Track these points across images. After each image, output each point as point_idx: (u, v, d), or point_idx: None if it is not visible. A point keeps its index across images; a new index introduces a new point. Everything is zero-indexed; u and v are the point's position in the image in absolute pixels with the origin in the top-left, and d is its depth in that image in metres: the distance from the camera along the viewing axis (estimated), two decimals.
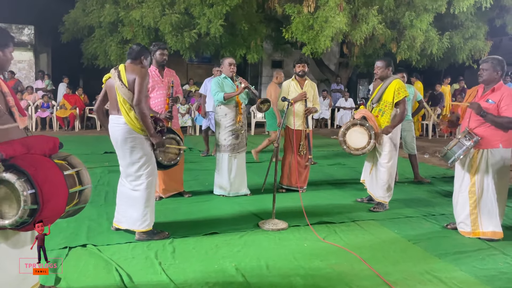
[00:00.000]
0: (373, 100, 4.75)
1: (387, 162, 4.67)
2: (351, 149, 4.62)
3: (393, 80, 4.63)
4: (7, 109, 2.42)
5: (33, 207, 2.14)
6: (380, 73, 4.68)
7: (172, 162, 3.95)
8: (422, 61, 12.39)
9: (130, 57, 3.67)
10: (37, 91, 12.75)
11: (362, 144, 4.59)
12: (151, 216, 3.69)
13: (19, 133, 2.44)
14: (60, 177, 2.31)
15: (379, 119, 4.66)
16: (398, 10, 11.52)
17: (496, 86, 3.80)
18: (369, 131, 4.56)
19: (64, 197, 2.30)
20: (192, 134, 11.36)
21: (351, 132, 4.61)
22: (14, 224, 2.14)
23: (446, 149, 3.88)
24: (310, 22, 10.59)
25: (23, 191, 2.09)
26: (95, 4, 12.28)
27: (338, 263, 3.30)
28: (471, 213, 3.90)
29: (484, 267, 3.27)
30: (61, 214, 2.36)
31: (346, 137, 4.62)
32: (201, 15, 10.78)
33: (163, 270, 3.10)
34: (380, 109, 4.68)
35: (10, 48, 2.44)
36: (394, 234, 3.99)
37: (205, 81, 7.75)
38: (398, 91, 4.57)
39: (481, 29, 12.43)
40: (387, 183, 4.68)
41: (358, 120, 4.63)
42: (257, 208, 4.69)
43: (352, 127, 4.62)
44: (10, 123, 2.40)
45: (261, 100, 4.99)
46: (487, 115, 3.70)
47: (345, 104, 13.81)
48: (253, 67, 16.37)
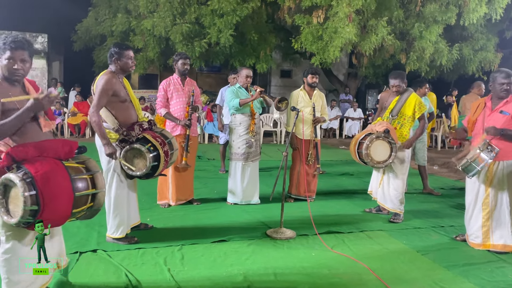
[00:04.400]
0: (393, 113, 4.69)
1: (403, 174, 4.67)
2: (374, 162, 4.54)
3: (411, 94, 4.66)
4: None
5: (33, 208, 2.21)
6: (401, 90, 4.66)
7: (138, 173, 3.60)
8: (431, 72, 12.41)
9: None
10: None
11: (385, 157, 4.52)
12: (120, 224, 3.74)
13: (42, 136, 2.54)
14: (66, 181, 2.37)
15: (398, 131, 4.65)
16: (407, 21, 11.57)
17: (509, 98, 3.80)
18: (391, 144, 4.51)
19: (68, 199, 2.35)
20: (200, 142, 11.44)
21: (375, 145, 4.52)
22: (18, 223, 2.24)
23: (469, 161, 3.73)
24: (319, 32, 10.67)
25: (24, 192, 2.18)
26: (108, 14, 12.54)
27: (346, 273, 3.31)
28: (483, 225, 3.88)
29: (492, 279, 3.25)
30: (68, 216, 2.41)
31: (370, 150, 4.51)
32: (211, 25, 10.93)
33: (172, 276, 3.12)
34: (399, 121, 4.67)
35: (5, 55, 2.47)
36: (402, 245, 3.98)
37: (221, 91, 7.08)
38: (419, 106, 4.60)
39: (491, 41, 12.44)
40: (401, 195, 4.67)
41: (383, 133, 4.53)
42: (265, 216, 4.71)
43: (375, 140, 4.52)
44: (33, 126, 2.51)
45: (279, 98, 5.00)
46: (507, 133, 3.67)
47: (353, 114, 13.82)
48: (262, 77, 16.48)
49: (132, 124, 3.67)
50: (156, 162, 3.60)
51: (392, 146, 4.50)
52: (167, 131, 4.06)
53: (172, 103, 4.98)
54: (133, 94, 3.89)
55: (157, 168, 3.64)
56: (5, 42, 2.48)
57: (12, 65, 2.49)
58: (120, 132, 3.60)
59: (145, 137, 3.63)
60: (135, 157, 3.62)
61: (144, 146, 3.56)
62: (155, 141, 3.62)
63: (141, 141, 3.62)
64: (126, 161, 3.60)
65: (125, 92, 3.72)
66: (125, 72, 3.79)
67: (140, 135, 3.64)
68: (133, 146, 3.57)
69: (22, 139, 2.45)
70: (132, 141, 3.59)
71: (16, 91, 2.54)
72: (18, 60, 2.50)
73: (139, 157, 3.61)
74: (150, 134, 3.67)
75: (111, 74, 3.64)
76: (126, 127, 3.63)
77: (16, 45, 2.48)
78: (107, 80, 3.56)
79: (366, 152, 4.51)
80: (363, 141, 4.60)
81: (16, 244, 2.48)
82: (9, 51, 2.47)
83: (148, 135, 3.64)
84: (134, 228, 4.04)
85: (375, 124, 4.77)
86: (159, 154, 3.60)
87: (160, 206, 5.00)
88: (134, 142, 3.59)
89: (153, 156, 3.56)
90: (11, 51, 2.47)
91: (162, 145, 3.65)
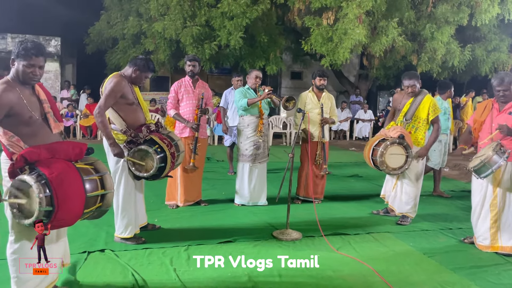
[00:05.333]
0: (407, 116, 4.59)
1: (418, 179, 4.61)
2: (389, 169, 4.43)
3: (426, 96, 4.56)
4: (42, 115, 2.61)
5: (48, 209, 2.26)
6: (416, 91, 4.55)
7: (145, 174, 3.65)
8: (443, 73, 12.28)
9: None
10: (62, 100, 13.16)
11: (400, 164, 4.41)
12: (128, 224, 3.80)
13: (52, 138, 2.62)
14: (78, 182, 2.42)
15: (412, 135, 4.56)
16: (418, 22, 11.49)
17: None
18: (406, 150, 4.40)
19: (80, 200, 2.41)
20: (210, 144, 11.49)
21: (390, 152, 4.40)
22: (31, 223, 2.29)
23: (483, 162, 3.64)
24: (329, 34, 10.65)
25: (39, 193, 2.23)
26: (119, 17, 12.71)
27: (351, 274, 3.31)
28: (491, 226, 3.84)
29: (499, 282, 3.23)
30: (79, 216, 2.46)
31: (385, 157, 4.38)
32: (221, 28, 10.99)
33: (177, 276, 3.17)
34: (413, 125, 4.58)
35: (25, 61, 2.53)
36: (409, 247, 3.96)
37: (225, 93, 7.07)
38: (433, 108, 4.50)
39: (505, 41, 12.28)
40: (415, 199, 4.63)
41: (397, 139, 4.41)
42: (272, 218, 4.72)
43: (390, 146, 4.40)
44: (44, 128, 2.58)
45: (286, 97, 5.01)
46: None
47: (364, 116, 13.76)
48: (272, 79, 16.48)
49: (140, 126, 3.73)
50: (163, 163, 3.65)
51: (408, 152, 4.40)
52: (174, 133, 4.11)
53: (182, 105, 5.03)
54: (141, 97, 3.95)
55: (164, 169, 3.70)
56: (26, 48, 2.52)
57: (33, 72, 2.55)
58: (128, 133, 3.67)
59: (152, 139, 3.68)
60: (142, 158, 3.67)
61: (152, 147, 3.61)
62: (162, 142, 3.67)
63: (148, 142, 3.67)
64: (134, 162, 3.66)
65: (133, 95, 3.78)
66: (132, 82, 3.83)
67: (147, 136, 3.69)
68: (140, 148, 3.63)
69: (34, 141, 2.52)
70: (139, 143, 3.65)
71: (26, 92, 2.60)
72: (37, 66, 2.57)
73: (146, 158, 3.66)
74: (157, 136, 3.72)
75: (120, 78, 3.71)
76: (134, 129, 3.69)
77: (37, 52, 2.55)
78: (116, 82, 3.63)
79: (381, 160, 4.39)
80: (377, 147, 4.48)
81: (25, 244, 2.54)
82: (31, 58, 2.53)
83: (155, 137, 3.70)
84: (142, 229, 4.09)
85: (388, 129, 4.64)
86: (166, 156, 3.65)
87: (168, 207, 5.05)
88: (141, 144, 3.65)
89: (160, 157, 3.62)
90: (33, 58, 2.53)
91: (169, 146, 3.70)
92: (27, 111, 2.53)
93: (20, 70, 2.55)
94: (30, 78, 2.57)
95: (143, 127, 3.71)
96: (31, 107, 2.56)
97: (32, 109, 2.56)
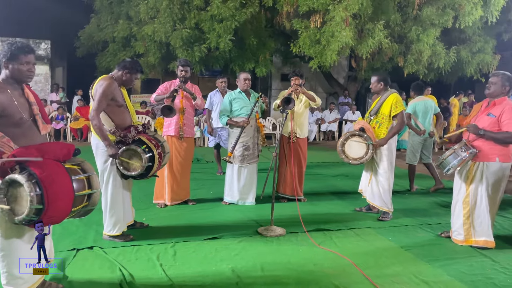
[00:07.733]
0: (371, 112, 4.96)
1: (385, 172, 4.82)
2: (349, 159, 4.77)
3: (391, 94, 4.83)
4: (31, 117, 2.73)
5: (38, 207, 2.37)
6: (373, 88, 4.96)
7: (133, 173, 3.75)
8: (429, 75, 12.51)
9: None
10: (51, 103, 13.19)
11: (360, 154, 4.76)
12: (117, 222, 3.92)
13: (40, 139, 2.73)
14: (67, 181, 2.54)
15: (376, 130, 4.83)
16: (405, 25, 11.70)
17: (498, 100, 3.88)
18: (366, 142, 4.73)
19: (69, 199, 2.52)
20: (200, 145, 11.62)
21: (350, 143, 4.79)
22: (22, 221, 2.39)
23: (442, 159, 4.02)
24: (317, 36, 10.81)
25: (30, 191, 2.33)
26: (109, 20, 12.77)
27: (331, 267, 3.45)
28: (464, 223, 4.01)
29: (471, 273, 3.38)
30: (67, 214, 2.57)
31: (345, 147, 4.79)
32: (211, 30, 11.10)
33: (163, 271, 3.29)
34: (377, 121, 4.86)
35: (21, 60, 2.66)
36: (388, 242, 4.12)
37: (209, 95, 7.10)
38: (395, 105, 4.76)
39: (489, 43, 12.54)
40: (387, 192, 4.83)
41: (357, 131, 4.80)
42: (258, 215, 4.86)
43: (350, 137, 4.80)
44: (33, 130, 2.70)
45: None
46: (485, 133, 3.80)
47: (352, 117, 13.95)
48: (262, 81, 16.64)
49: (128, 127, 3.87)
50: (150, 163, 3.78)
51: (368, 144, 4.71)
52: (160, 135, 4.25)
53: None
54: (129, 99, 4.09)
55: (151, 168, 3.82)
56: (18, 47, 2.66)
57: (29, 69, 2.69)
58: (117, 134, 3.79)
59: (140, 139, 3.83)
60: (130, 158, 3.79)
61: (140, 147, 3.74)
62: (150, 143, 3.80)
63: (136, 142, 3.81)
64: (122, 161, 3.78)
65: (122, 97, 3.91)
66: (122, 85, 3.99)
67: (135, 137, 3.83)
68: (129, 147, 3.76)
69: (23, 142, 2.63)
70: (128, 143, 3.78)
71: (16, 94, 2.71)
72: (32, 63, 2.72)
73: (134, 158, 3.78)
74: (145, 136, 3.86)
75: (111, 80, 3.83)
76: (122, 130, 3.82)
77: (29, 49, 2.71)
78: (107, 85, 3.75)
79: (341, 149, 4.81)
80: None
81: (13, 240, 2.64)
82: (26, 56, 2.67)
83: (143, 137, 3.84)
84: (130, 227, 4.20)
85: (354, 124, 5.03)
86: (154, 155, 3.78)
87: (156, 206, 5.17)
88: (130, 143, 3.78)
89: (148, 157, 3.75)
90: (27, 56, 2.68)
91: (156, 147, 3.84)
92: (18, 112, 2.64)
93: (16, 70, 2.67)
94: (27, 75, 2.71)
95: (131, 128, 3.85)
96: (21, 109, 2.67)
97: (22, 111, 2.67)
